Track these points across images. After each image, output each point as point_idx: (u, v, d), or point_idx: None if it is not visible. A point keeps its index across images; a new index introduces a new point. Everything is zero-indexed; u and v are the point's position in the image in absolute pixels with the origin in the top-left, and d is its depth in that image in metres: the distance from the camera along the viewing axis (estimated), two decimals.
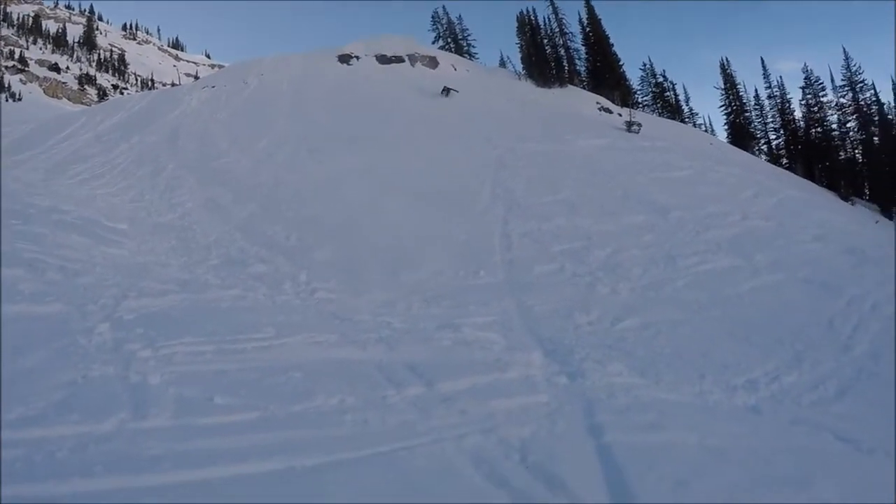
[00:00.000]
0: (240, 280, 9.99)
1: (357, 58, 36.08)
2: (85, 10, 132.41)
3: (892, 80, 64.19)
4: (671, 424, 5.12)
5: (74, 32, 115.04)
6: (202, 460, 3.67)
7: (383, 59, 36.23)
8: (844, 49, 53.96)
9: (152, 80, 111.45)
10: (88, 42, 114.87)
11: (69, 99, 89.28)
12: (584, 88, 42.33)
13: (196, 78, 79.45)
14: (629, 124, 28.43)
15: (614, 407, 5.51)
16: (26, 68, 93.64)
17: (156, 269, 9.72)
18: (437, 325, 8.12)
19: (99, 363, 5.10)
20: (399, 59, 36.60)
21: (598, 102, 36.52)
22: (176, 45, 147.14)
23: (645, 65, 58.05)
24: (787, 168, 43.69)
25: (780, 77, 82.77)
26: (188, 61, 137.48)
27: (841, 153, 50.05)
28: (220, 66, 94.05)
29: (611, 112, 35.07)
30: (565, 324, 8.95)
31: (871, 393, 7.53)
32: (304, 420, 4.56)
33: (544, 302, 9.80)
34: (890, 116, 52.63)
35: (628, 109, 35.47)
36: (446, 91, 29.52)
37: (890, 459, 5.27)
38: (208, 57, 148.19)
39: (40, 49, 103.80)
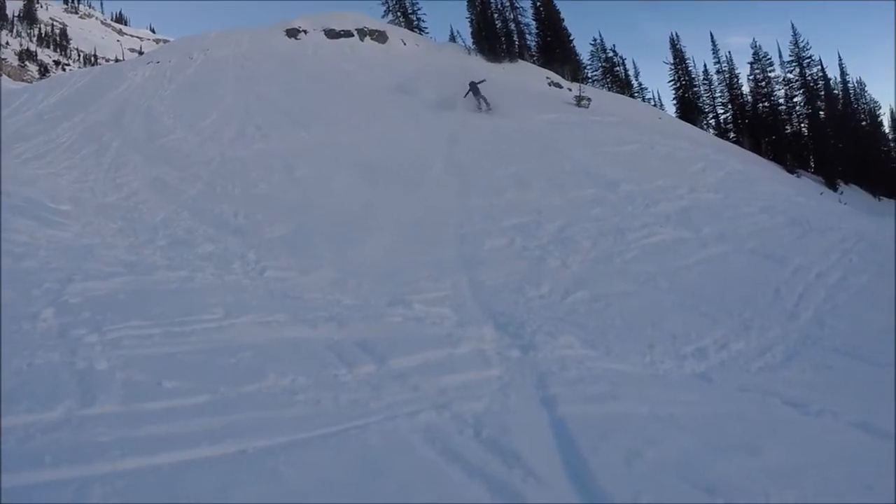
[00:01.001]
0: (187, 261, 9.73)
1: (305, 32, 35.52)
2: None
3: (839, 56, 65.68)
4: (623, 395, 5.11)
5: (14, 6, 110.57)
6: (152, 446, 3.53)
7: (332, 34, 35.71)
8: (793, 25, 55.23)
9: (95, 56, 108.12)
10: (29, 16, 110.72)
11: (9, 76, 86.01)
12: (535, 63, 42.36)
13: (140, 53, 77.39)
14: (579, 99, 28.62)
15: (566, 379, 5.47)
16: None
17: (101, 251, 9.39)
18: (388, 302, 8.02)
19: (44, 350, 4.89)
20: (348, 34, 36.13)
21: (548, 77, 36.65)
22: (120, 19, 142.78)
23: (595, 40, 57.98)
24: (734, 142, 44.60)
25: (730, 52, 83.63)
26: (132, 36, 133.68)
27: (787, 127, 51.45)
28: (165, 41, 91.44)
29: (561, 87, 35.23)
30: (516, 297, 8.93)
31: (816, 358, 7.68)
32: (256, 401, 4.42)
33: (495, 276, 9.77)
34: (836, 91, 54.10)
35: (578, 84, 35.62)
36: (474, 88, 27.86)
37: (836, 421, 5.37)
38: (153, 31, 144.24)
39: None
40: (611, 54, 53.48)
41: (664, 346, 7.38)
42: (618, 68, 54.04)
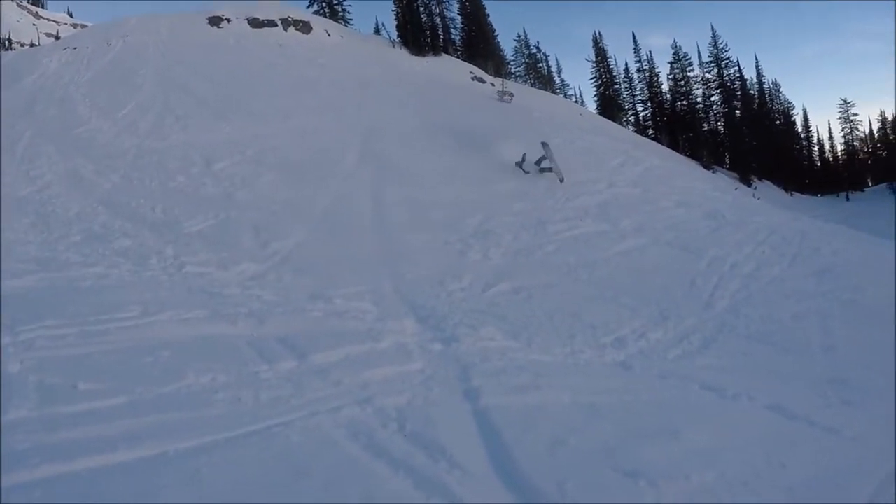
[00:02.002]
0: (103, 256, 9.36)
1: (228, 21, 34.52)
2: None
3: (755, 58, 68.40)
4: (545, 385, 5.12)
5: None
6: (70, 452, 3.33)
7: (255, 23, 34.83)
8: (713, 27, 57.26)
9: (9, 40, 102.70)
10: None
11: None
12: (459, 58, 42.45)
13: (57, 38, 73.69)
14: (501, 94, 28.79)
15: (489, 370, 5.45)
16: None
17: (13, 247, 8.96)
18: (309, 297, 7.86)
19: None
20: (272, 23, 35.30)
21: (471, 72, 36.77)
22: (36, 1, 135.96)
23: (520, 36, 59.03)
24: (652, 138, 45.86)
25: (650, 52, 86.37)
26: (49, 20, 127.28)
27: (704, 125, 53.34)
28: (83, 26, 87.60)
29: (484, 82, 35.39)
30: (438, 291, 8.88)
31: (731, 344, 7.91)
32: (175, 402, 4.25)
33: (417, 269, 9.70)
34: (752, 91, 56.31)
35: (501, 79, 35.88)
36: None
37: (752, 404, 5.52)
38: (70, 16, 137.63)
39: None
40: (534, 51, 54.34)
41: (585, 337, 7.45)
42: (541, 65, 54.98)
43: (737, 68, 54.48)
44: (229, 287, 8.37)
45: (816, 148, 66.85)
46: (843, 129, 60.26)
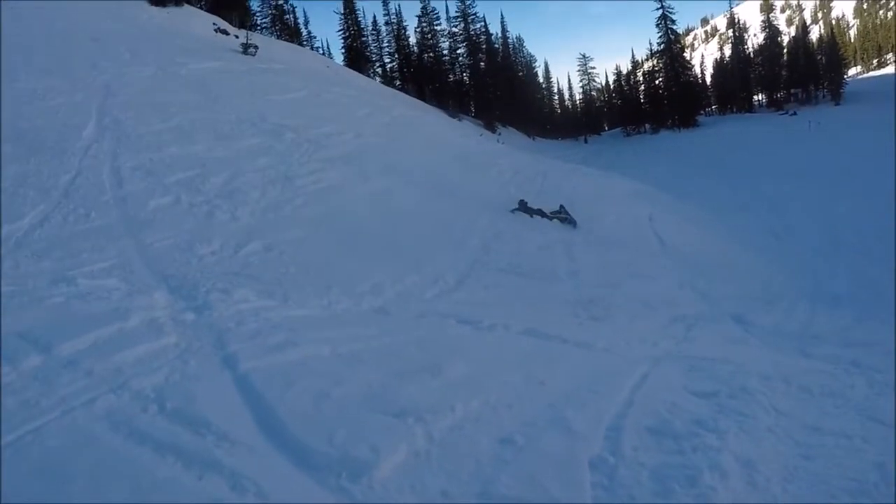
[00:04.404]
0: None
1: None
2: None
3: (501, 14, 71.86)
4: (303, 340, 5.02)
5: None
6: None
7: None
8: None
9: None
10: None
11: None
12: (202, 9, 39.82)
13: None
14: (245, 46, 27.69)
15: (245, 334, 5.21)
16: None
17: None
18: (49, 281, 6.95)
19: None
20: None
21: (215, 24, 34.62)
22: None
23: None
24: (400, 89, 46.49)
25: (399, 5, 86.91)
26: None
27: (450, 76, 55.10)
28: None
29: (228, 34, 33.57)
30: (188, 257, 8.29)
31: (484, 279, 8.31)
32: None
33: (163, 237, 8.98)
34: (496, 45, 59.25)
35: (246, 32, 34.35)
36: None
37: (507, 332, 5.83)
38: None
39: None
40: (281, 2, 52.55)
41: (341, 287, 7.39)
42: (288, 16, 53.36)
43: (483, 23, 56.91)
44: None
45: (557, 97, 72.30)
46: (581, 81, 65.39)
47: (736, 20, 62.87)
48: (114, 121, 13.90)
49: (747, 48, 62.67)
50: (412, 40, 56.58)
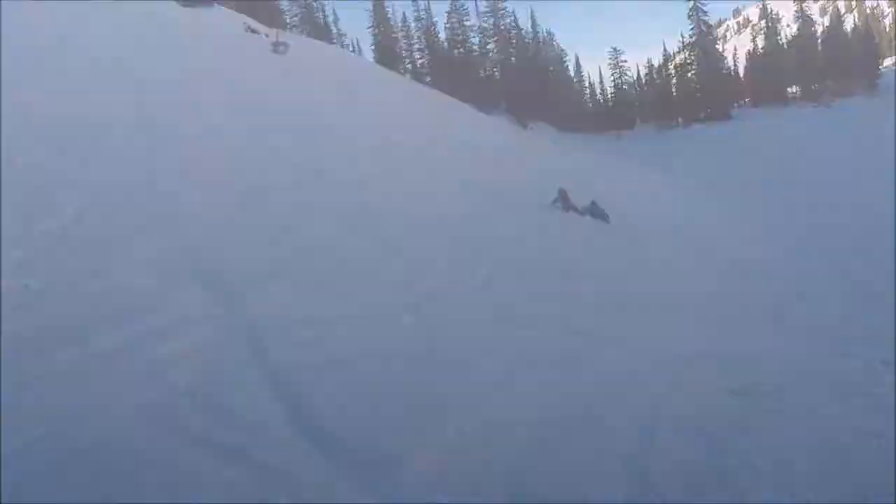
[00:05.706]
0: None
1: None
2: None
3: (530, 10, 71.33)
4: (336, 336, 5.07)
5: None
6: None
7: None
8: None
9: None
10: None
11: None
12: (232, 10, 40.17)
13: None
14: (276, 45, 27.78)
15: (278, 328, 5.09)
16: None
17: None
18: (87, 275, 6.98)
19: None
20: None
21: (245, 23, 34.88)
22: None
23: None
24: (430, 85, 46.44)
25: (428, 2, 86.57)
26: None
27: (481, 71, 54.84)
28: None
29: (258, 33, 33.79)
30: (221, 252, 8.30)
31: (517, 275, 8.16)
32: None
33: (197, 234, 9.00)
34: (527, 41, 58.90)
35: (276, 30, 34.52)
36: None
37: (540, 329, 5.76)
38: None
39: None
40: (311, 1, 52.70)
41: (376, 283, 7.29)
42: (317, 14, 53.49)
43: (512, 18, 56.65)
44: None
45: (588, 92, 71.55)
46: (612, 75, 64.55)
47: (768, 10, 61.67)
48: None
49: (780, 39, 61.39)
50: (442, 36, 56.42)
